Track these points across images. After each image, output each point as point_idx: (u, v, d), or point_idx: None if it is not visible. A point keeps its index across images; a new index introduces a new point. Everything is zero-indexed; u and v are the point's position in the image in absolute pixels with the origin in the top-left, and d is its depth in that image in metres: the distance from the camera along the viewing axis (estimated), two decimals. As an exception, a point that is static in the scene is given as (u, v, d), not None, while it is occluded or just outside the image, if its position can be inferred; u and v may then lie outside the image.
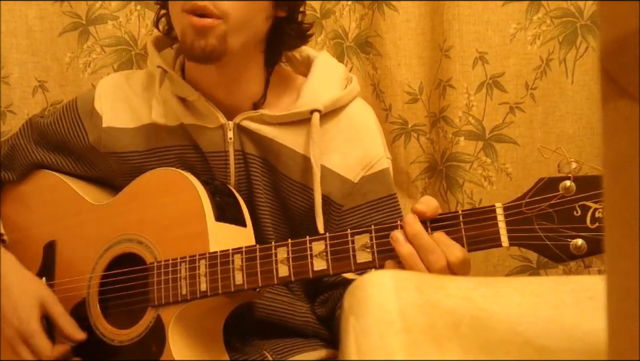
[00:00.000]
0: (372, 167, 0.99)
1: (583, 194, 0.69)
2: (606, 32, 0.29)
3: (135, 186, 0.98)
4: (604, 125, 0.30)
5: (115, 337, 0.93)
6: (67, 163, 1.07)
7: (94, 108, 1.04)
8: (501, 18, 1.17)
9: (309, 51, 1.07)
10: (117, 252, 0.95)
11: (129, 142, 1.02)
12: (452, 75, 1.19)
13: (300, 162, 0.97)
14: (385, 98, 1.25)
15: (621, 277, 0.30)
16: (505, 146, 1.20)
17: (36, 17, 1.29)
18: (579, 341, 0.44)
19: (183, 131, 1.00)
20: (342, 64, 1.08)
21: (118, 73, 1.11)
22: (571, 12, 1.15)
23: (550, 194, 0.70)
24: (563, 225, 0.69)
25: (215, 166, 0.99)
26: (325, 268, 0.80)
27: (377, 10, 1.23)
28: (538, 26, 1.16)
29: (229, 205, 0.93)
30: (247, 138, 0.98)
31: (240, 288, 0.84)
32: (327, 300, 1.02)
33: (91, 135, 1.04)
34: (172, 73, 0.99)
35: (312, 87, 0.99)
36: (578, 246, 0.68)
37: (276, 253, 0.82)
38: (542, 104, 1.18)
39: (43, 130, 1.07)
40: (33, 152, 1.07)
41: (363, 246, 0.78)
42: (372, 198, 0.98)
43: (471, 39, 1.18)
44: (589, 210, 0.68)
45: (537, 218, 0.70)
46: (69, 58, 1.29)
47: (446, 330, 0.45)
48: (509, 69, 1.18)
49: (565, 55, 1.16)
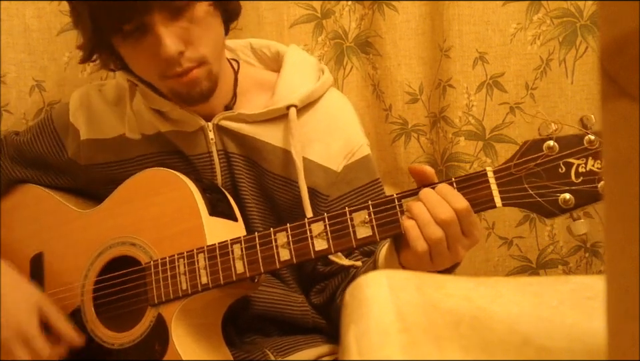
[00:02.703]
0: (353, 155, 1.00)
1: (566, 151, 0.74)
2: (606, 32, 0.29)
3: (123, 189, 0.98)
4: (604, 125, 0.30)
5: (114, 341, 0.93)
6: (46, 177, 1.08)
7: (70, 123, 1.04)
8: (501, 18, 1.17)
9: (278, 47, 1.07)
10: (109, 257, 0.95)
11: (108, 152, 1.02)
12: (452, 75, 1.19)
13: (281, 156, 0.98)
14: (385, 99, 1.25)
15: (620, 277, 0.30)
16: (505, 146, 1.20)
17: (33, 16, 1.27)
18: (579, 341, 0.44)
19: (162, 138, 1.00)
20: (312, 57, 1.09)
21: (88, 85, 1.10)
22: (571, 12, 1.15)
23: (535, 154, 0.75)
24: (550, 182, 0.74)
25: (201, 168, 0.99)
26: (327, 247, 0.81)
27: (376, 11, 1.23)
28: (538, 27, 1.16)
29: (220, 201, 0.94)
30: (227, 137, 0.99)
31: (242, 277, 0.84)
32: (323, 289, 1.02)
33: (69, 149, 1.04)
34: (142, 87, 0.99)
35: (285, 82, 1.00)
36: (566, 200, 0.74)
37: (276, 238, 0.83)
38: (542, 104, 1.18)
39: (19, 148, 1.08)
40: (11, 170, 1.08)
41: (361, 222, 0.80)
42: (357, 185, 0.99)
43: (471, 39, 1.18)
44: (573, 166, 0.74)
45: (525, 177, 0.75)
46: (67, 58, 1.28)
47: (446, 329, 0.45)
48: (509, 69, 1.18)
49: (564, 55, 1.16)
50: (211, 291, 0.87)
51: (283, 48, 1.06)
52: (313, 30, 1.23)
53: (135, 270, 0.92)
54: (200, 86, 0.90)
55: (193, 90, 0.90)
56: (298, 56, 1.05)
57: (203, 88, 0.91)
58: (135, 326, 0.91)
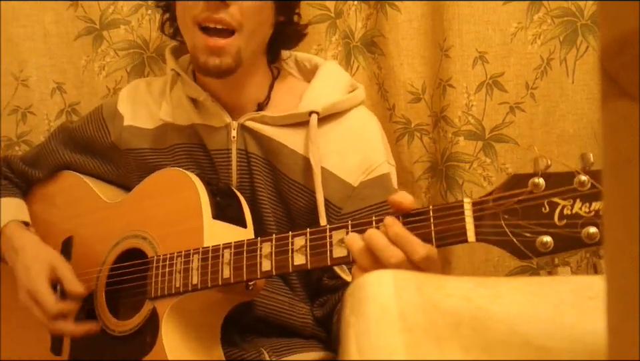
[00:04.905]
0: (372, 171, 1.00)
1: (551, 190, 0.67)
2: (606, 32, 0.29)
3: (143, 185, 1.03)
4: (604, 125, 0.30)
5: (115, 328, 0.97)
6: (92, 163, 1.15)
7: (117, 110, 1.12)
8: (501, 17, 1.17)
9: (317, 60, 1.10)
10: (124, 247, 1.00)
11: (145, 140, 1.08)
12: (452, 75, 1.19)
13: (300, 162, 0.98)
14: (389, 98, 1.25)
15: (620, 277, 0.30)
16: (505, 146, 1.20)
17: (52, 22, 1.33)
18: (579, 341, 0.44)
19: (192, 130, 1.04)
20: (347, 73, 1.10)
21: (140, 80, 1.18)
22: (572, 11, 1.15)
23: (519, 190, 0.69)
24: (530, 221, 0.68)
25: (218, 164, 1.02)
26: (304, 262, 0.80)
27: (380, 11, 1.23)
28: (538, 26, 1.16)
29: (230, 206, 0.96)
30: (250, 137, 1.00)
31: (227, 282, 0.85)
32: (325, 303, 1.03)
33: (113, 134, 1.11)
34: (183, 75, 1.03)
35: (313, 91, 1.02)
36: (544, 242, 0.67)
37: (261, 248, 0.84)
38: (542, 104, 1.18)
39: (71, 134, 1.16)
40: (62, 154, 1.16)
41: (339, 241, 0.78)
42: (371, 202, 0.99)
43: (471, 39, 1.18)
44: (557, 207, 0.67)
45: (503, 213, 0.69)
46: (85, 61, 1.34)
47: (446, 329, 0.45)
48: (509, 69, 1.18)
49: (565, 55, 1.16)
50: (209, 293, 0.89)
51: (322, 62, 1.09)
52: (326, 30, 1.24)
53: (141, 263, 0.96)
54: (220, 57, 0.92)
55: (212, 59, 0.93)
56: (332, 69, 1.07)
57: (222, 62, 0.93)
58: (134, 316, 0.95)
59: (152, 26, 1.32)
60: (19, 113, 1.36)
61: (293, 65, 1.12)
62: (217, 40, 0.91)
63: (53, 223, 1.13)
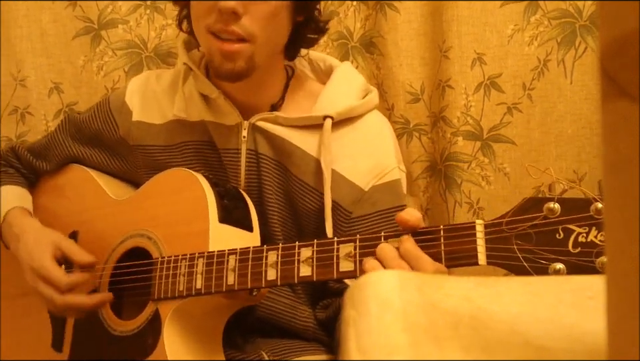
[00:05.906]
0: (383, 177, 0.99)
1: (567, 216, 0.65)
2: (606, 32, 0.29)
3: (150, 184, 1.02)
4: (603, 125, 0.30)
5: (117, 327, 0.96)
6: (99, 157, 1.12)
7: (125, 103, 1.09)
8: (498, 19, 1.17)
9: (332, 61, 1.09)
10: (128, 246, 0.99)
11: (154, 136, 1.06)
12: (451, 76, 1.19)
13: (311, 164, 0.98)
14: (388, 98, 1.26)
15: (620, 277, 0.30)
16: (503, 146, 1.20)
17: (49, 21, 1.33)
18: (579, 341, 0.44)
19: (202, 127, 1.02)
20: (361, 76, 1.09)
21: (149, 72, 1.15)
22: (570, 12, 1.15)
23: (533, 214, 0.67)
24: (543, 247, 0.66)
25: (227, 163, 1.01)
26: (310, 274, 0.80)
27: (379, 11, 1.23)
28: (535, 28, 1.17)
29: (237, 209, 0.95)
30: (261, 138, 0.99)
31: (231, 288, 0.85)
32: (328, 306, 1.02)
33: (121, 128, 1.08)
34: (196, 71, 1.02)
35: (328, 94, 1.01)
36: (557, 269, 0.65)
37: (267, 256, 0.83)
38: (539, 104, 1.18)
39: (78, 125, 1.13)
40: (69, 146, 1.13)
41: (346, 255, 0.77)
42: (381, 207, 0.98)
43: (470, 40, 1.18)
44: (572, 234, 0.65)
45: (516, 238, 0.68)
46: (83, 61, 1.33)
47: (446, 329, 0.45)
48: (506, 70, 1.18)
49: (563, 56, 1.16)
50: (212, 298, 0.88)
51: (336, 63, 1.08)
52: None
53: (145, 263, 0.95)
54: (234, 62, 0.91)
55: (226, 63, 0.92)
56: (347, 72, 1.06)
57: (236, 66, 0.92)
58: (136, 317, 0.94)
59: (150, 26, 1.31)
60: (18, 113, 1.36)
61: (306, 64, 1.11)
62: (230, 45, 0.90)
63: (58, 217, 1.12)
